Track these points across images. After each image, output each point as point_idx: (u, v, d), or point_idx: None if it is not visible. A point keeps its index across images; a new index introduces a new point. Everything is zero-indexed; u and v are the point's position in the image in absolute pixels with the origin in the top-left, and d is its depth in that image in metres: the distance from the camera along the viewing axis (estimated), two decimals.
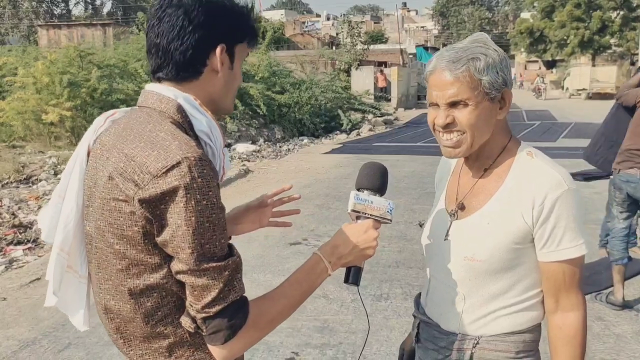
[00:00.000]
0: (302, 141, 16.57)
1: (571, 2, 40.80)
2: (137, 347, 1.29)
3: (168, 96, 1.28)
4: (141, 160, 1.17)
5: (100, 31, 24.97)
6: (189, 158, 1.14)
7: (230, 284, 1.19)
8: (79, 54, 14.10)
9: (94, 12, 52.06)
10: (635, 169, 4.26)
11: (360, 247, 1.38)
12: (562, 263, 1.46)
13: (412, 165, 11.27)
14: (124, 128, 1.29)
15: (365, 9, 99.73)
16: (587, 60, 41.44)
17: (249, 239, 6.16)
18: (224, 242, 1.19)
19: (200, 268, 1.15)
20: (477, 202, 1.55)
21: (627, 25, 40.58)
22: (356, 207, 1.41)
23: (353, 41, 30.05)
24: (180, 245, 1.15)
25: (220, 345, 1.22)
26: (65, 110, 12.74)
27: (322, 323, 4.26)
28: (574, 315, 1.49)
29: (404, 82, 29.35)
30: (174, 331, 1.26)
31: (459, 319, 1.56)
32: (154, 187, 1.14)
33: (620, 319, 4.30)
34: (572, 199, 1.45)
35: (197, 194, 1.13)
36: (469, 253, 1.51)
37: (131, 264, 1.22)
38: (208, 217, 1.15)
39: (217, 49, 1.28)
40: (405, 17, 74.72)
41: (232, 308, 1.20)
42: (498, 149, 1.54)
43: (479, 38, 1.50)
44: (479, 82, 1.43)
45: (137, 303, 1.24)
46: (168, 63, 1.28)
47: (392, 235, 6.54)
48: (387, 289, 4.92)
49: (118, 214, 1.20)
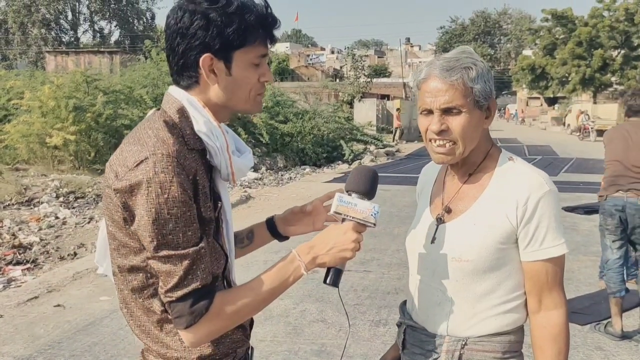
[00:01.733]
0: (304, 170, 16.64)
1: (573, 40, 41.33)
2: (137, 319, 1.38)
3: (175, 97, 1.38)
4: (125, 154, 1.30)
5: (107, 58, 25.30)
6: (156, 154, 1.24)
7: (193, 272, 1.26)
8: (86, 80, 14.29)
9: (101, 40, 52.86)
10: (620, 192, 4.35)
11: (338, 248, 1.37)
12: (545, 262, 1.51)
13: (413, 196, 11.06)
14: (137, 125, 1.40)
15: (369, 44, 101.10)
16: (589, 98, 41.78)
17: (247, 264, 6.14)
18: (191, 234, 1.26)
19: (161, 255, 1.25)
20: (463, 205, 1.59)
21: (628, 64, 41.03)
22: (339, 209, 1.40)
23: (356, 74, 30.40)
24: (143, 234, 1.25)
25: (185, 330, 1.29)
26: (69, 134, 12.85)
27: (320, 347, 4.23)
28: (557, 314, 1.52)
29: (406, 115, 29.57)
30: (159, 310, 1.34)
31: (447, 321, 1.58)
32: (126, 179, 1.25)
33: (620, 349, 4.26)
34: (553, 199, 1.51)
35: (157, 188, 1.22)
36: (457, 254, 1.54)
37: (120, 244, 1.34)
38: (169, 210, 1.23)
39: (200, 59, 1.32)
40: (409, 52, 75.68)
41: (194, 295, 1.26)
42: (482, 155, 1.60)
43: (466, 49, 1.57)
44: (471, 90, 1.49)
45: (126, 280, 1.36)
46: (173, 71, 1.39)
47: (392, 262, 6.53)
48: (386, 315, 4.89)
49: (109, 199, 1.32)
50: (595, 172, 15.60)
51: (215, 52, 1.33)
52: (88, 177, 12.73)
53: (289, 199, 11.03)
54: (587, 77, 40.64)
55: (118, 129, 13.75)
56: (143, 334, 1.39)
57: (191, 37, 1.32)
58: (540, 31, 45.99)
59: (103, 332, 4.48)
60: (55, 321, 4.73)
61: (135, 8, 54.87)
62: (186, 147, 1.32)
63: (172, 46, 1.35)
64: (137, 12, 55.11)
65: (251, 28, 1.34)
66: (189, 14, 1.32)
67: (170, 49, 1.36)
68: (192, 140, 1.34)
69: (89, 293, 5.47)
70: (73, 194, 11.07)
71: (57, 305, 5.10)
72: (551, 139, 31.32)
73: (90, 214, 9.37)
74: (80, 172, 13.28)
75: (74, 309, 5.03)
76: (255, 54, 1.37)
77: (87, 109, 13.36)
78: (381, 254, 6.81)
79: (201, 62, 1.32)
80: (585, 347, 4.26)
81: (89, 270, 6.11)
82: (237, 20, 1.32)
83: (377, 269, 6.27)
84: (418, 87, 1.56)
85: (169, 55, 1.38)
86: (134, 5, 54.86)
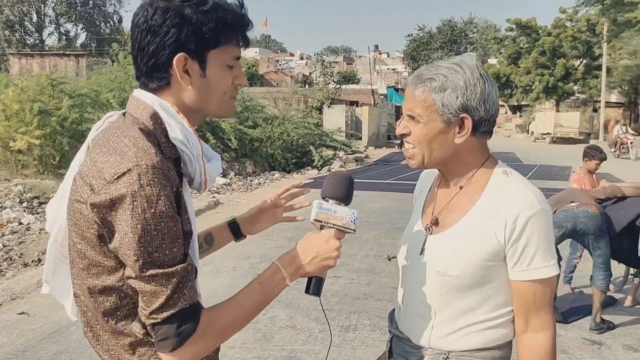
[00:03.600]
0: (273, 175, 16.60)
1: (536, 50, 42.26)
2: (104, 342, 1.29)
3: (145, 102, 1.28)
4: (100, 165, 1.19)
5: (73, 61, 24.85)
6: (140, 165, 1.15)
7: (180, 291, 1.18)
8: (51, 83, 14.03)
9: (67, 43, 51.87)
10: (572, 203, 4.78)
11: (321, 257, 1.35)
12: (533, 283, 1.46)
13: (382, 201, 11.39)
14: (103, 131, 1.31)
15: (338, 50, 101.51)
16: (552, 106, 42.74)
17: (217, 270, 6.12)
18: (176, 251, 1.18)
19: (146, 274, 1.15)
20: (452, 218, 1.56)
21: (589, 73, 42.12)
22: (319, 217, 1.38)
23: (326, 80, 30.52)
24: (127, 252, 1.15)
25: (169, 353, 1.20)
26: (34, 138, 12.60)
27: (290, 353, 4.23)
28: (544, 336, 1.48)
29: (375, 122, 29.81)
30: (134, 332, 1.26)
31: (430, 333, 1.56)
32: (105, 193, 1.15)
33: (583, 352, 4.38)
34: (545, 219, 1.46)
35: (144, 202, 1.13)
36: (442, 268, 1.52)
37: (91, 264, 1.24)
38: (156, 226, 1.14)
39: (174, 58, 1.24)
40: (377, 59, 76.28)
41: (180, 315, 1.18)
42: (473, 168, 1.56)
43: (460, 59, 1.52)
44: (433, 102, 1.47)
45: (97, 302, 1.25)
46: (139, 72, 1.29)
47: (361, 268, 6.57)
48: (356, 320, 4.93)
49: (79, 215, 1.22)
50: (559, 178, 15.98)
51: (190, 51, 1.25)
52: (53, 182, 12.46)
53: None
54: (550, 85, 41.57)
55: (84, 133, 13.48)
56: (112, 359, 1.30)
57: (164, 35, 1.23)
58: (505, 40, 46.89)
59: (69, 340, 4.40)
60: (19, 329, 4.63)
61: (102, 11, 54.12)
62: (163, 156, 1.22)
63: (141, 45, 1.25)
64: (104, 15, 54.35)
65: (227, 27, 1.28)
66: (161, 10, 1.23)
67: (138, 49, 1.26)
68: (167, 148, 1.25)
69: (54, 301, 5.26)
70: (37, 199, 10.83)
71: (21, 313, 4.99)
72: (515, 145, 31.91)
73: None
74: (45, 177, 13.01)
75: (39, 316, 4.93)
76: (229, 55, 1.31)
77: (52, 112, 13.12)
78: (350, 259, 6.85)
79: (175, 61, 1.24)
80: None
81: None
82: (213, 19, 1.25)
83: (346, 274, 6.31)
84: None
85: (136, 56, 1.27)
86: (101, 8, 54.10)
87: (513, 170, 1.58)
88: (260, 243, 7.44)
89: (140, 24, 1.25)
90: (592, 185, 5.66)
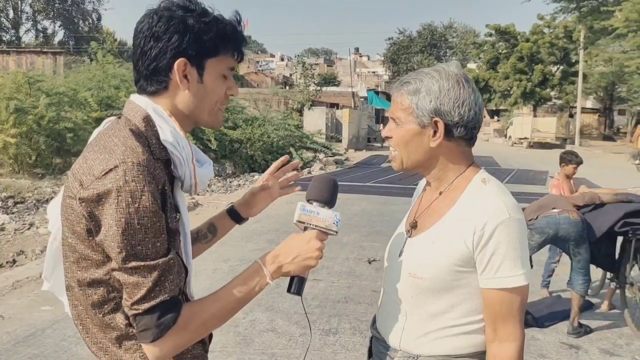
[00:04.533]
0: (253, 177, 16.54)
1: (515, 55, 42.81)
2: (93, 335, 1.34)
3: (139, 105, 1.35)
4: (91, 162, 1.25)
5: (50, 59, 24.41)
6: (126, 162, 1.21)
7: (161, 284, 1.23)
8: (28, 80, 13.79)
9: (44, 40, 51.06)
10: (555, 210, 4.84)
11: (302, 257, 1.38)
12: (500, 291, 1.46)
13: (362, 204, 11.40)
14: (98, 133, 1.37)
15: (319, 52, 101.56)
16: (529, 111, 43.30)
17: (196, 273, 6.05)
18: (159, 245, 1.23)
19: (129, 266, 1.21)
20: (429, 222, 1.59)
21: (566, 79, 42.79)
22: (301, 218, 1.42)
23: (306, 82, 30.51)
24: (111, 244, 1.20)
25: (150, 344, 1.25)
26: (9, 136, 12.38)
27: (270, 357, 4.21)
28: (509, 347, 1.47)
29: (355, 124, 29.87)
30: (120, 325, 1.31)
31: (401, 335, 1.59)
32: (93, 188, 1.21)
33: (561, 355, 4.43)
34: (514, 228, 1.45)
35: (128, 197, 1.19)
36: (413, 270, 1.55)
37: (80, 257, 1.29)
38: (139, 220, 1.20)
39: (176, 63, 1.32)
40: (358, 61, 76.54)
41: (161, 307, 1.23)
42: (453, 174, 1.58)
43: (440, 67, 1.57)
44: (409, 104, 1.54)
45: (85, 294, 1.31)
46: (139, 77, 1.37)
47: (342, 271, 6.57)
48: (336, 323, 4.92)
49: (70, 210, 1.28)
50: (536, 183, 16.19)
51: (190, 57, 1.33)
52: (28, 181, 12.28)
53: None
54: (528, 91, 42.16)
55: (61, 132, 13.32)
56: (100, 352, 1.35)
57: (166, 41, 1.31)
58: (484, 45, 47.45)
59: (45, 344, 4.32)
60: None
61: (80, 8, 53.42)
62: (153, 156, 1.29)
63: (143, 50, 1.33)
64: (83, 12, 53.66)
65: (226, 38, 1.36)
66: (166, 19, 1.32)
67: (141, 53, 1.34)
68: (158, 150, 1.31)
69: (29, 303, 5.27)
70: (12, 198, 10.66)
71: None
72: (493, 150, 32.24)
73: (31, 220, 9.03)
74: (20, 176, 12.81)
75: (14, 319, 4.84)
76: (226, 64, 1.39)
77: (28, 111, 12.88)
78: (331, 262, 6.84)
79: (176, 65, 1.32)
80: (529, 354, 4.40)
81: (30, 279, 5.89)
82: (213, 29, 1.34)
83: (326, 277, 6.30)
84: None
85: (138, 60, 1.35)
86: (80, 5, 53.40)
87: (492, 177, 1.60)
88: (240, 245, 7.40)
89: (144, 30, 1.33)
90: (570, 190, 5.73)
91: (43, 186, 11.94)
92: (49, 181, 12.57)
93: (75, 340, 4.38)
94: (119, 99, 15.85)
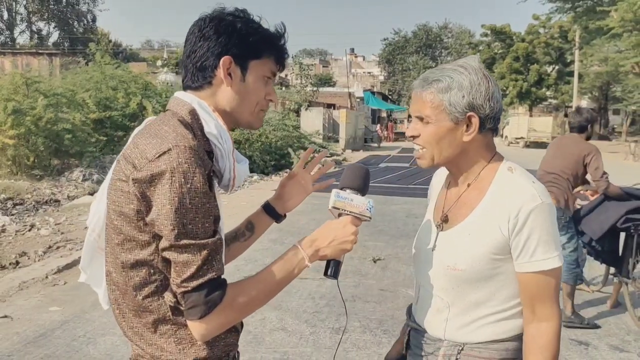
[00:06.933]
0: (251, 178, 16.52)
1: (510, 55, 43.00)
2: (129, 320, 1.40)
3: (185, 100, 1.44)
4: (143, 147, 1.32)
5: (46, 60, 24.37)
6: (178, 146, 1.27)
7: (209, 262, 1.28)
8: (25, 82, 13.72)
9: (39, 41, 50.90)
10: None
11: (338, 240, 1.43)
12: (536, 274, 1.52)
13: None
14: (144, 125, 1.46)
15: (314, 53, 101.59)
16: (525, 111, 43.48)
17: None
18: (208, 226, 1.29)
19: (180, 244, 1.26)
20: (460, 214, 1.63)
21: (561, 79, 43.02)
22: (336, 204, 1.48)
23: (303, 82, 30.52)
24: (164, 222, 1.26)
25: (197, 321, 1.30)
26: (7, 138, 12.31)
27: (282, 355, 4.21)
28: (547, 326, 1.53)
29: (352, 125, 29.91)
30: (158, 308, 1.36)
31: (445, 326, 1.63)
32: (147, 170, 1.27)
33: (571, 352, 4.44)
34: (546, 212, 1.51)
35: (181, 178, 1.25)
36: (451, 262, 1.59)
37: (125, 239, 1.34)
38: (191, 200, 1.26)
39: (221, 59, 1.41)
40: (353, 62, 76.59)
41: (209, 285, 1.28)
42: (480, 165, 1.63)
43: (464, 61, 1.60)
44: (440, 102, 1.55)
45: (128, 276, 1.36)
46: (187, 73, 1.46)
47: (348, 270, 6.57)
48: (345, 322, 4.92)
49: (120, 192, 1.33)
50: None
51: (235, 56, 1.42)
52: (27, 182, 12.22)
53: (238, 207, 10.93)
54: (523, 90, 42.35)
55: (59, 133, 13.24)
56: (136, 336, 1.40)
57: (215, 40, 1.41)
58: (480, 45, 47.65)
59: (56, 344, 4.30)
60: (3, 333, 4.52)
61: (75, 9, 53.29)
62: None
63: (193, 48, 1.43)
64: (78, 13, 53.52)
65: (269, 43, 1.46)
66: (216, 21, 1.43)
67: (190, 51, 1.44)
68: (202, 141, 1.38)
69: (37, 303, 5.25)
70: (11, 200, 10.61)
71: (3, 316, 4.86)
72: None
73: (31, 221, 8.99)
74: (19, 178, 12.74)
75: (23, 320, 4.82)
76: (268, 68, 1.48)
77: (26, 112, 12.78)
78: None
79: (222, 62, 1.40)
80: None
81: (36, 280, 5.87)
82: (258, 33, 1.44)
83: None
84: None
85: (187, 59, 1.45)
86: (75, 6, 53.26)
87: (518, 166, 1.64)
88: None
89: (195, 33, 1.44)
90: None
91: (42, 187, 11.91)
92: (47, 182, 12.52)
93: (86, 340, 4.37)
94: (117, 100, 15.81)
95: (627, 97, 35.01)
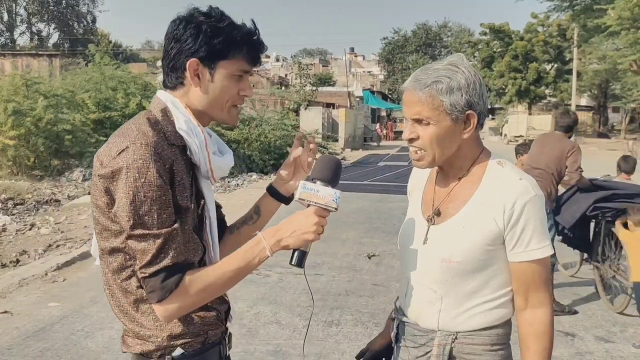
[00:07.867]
0: (250, 177, 16.64)
1: (509, 54, 42.98)
2: (117, 300, 1.52)
3: (161, 99, 1.55)
4: (110, 145, 1.44)
5: (46, 62, 24.47)
6: (135, 144, 1.39)
7: (165, 250, 1.39)
8: (25, 83, 13.83)
9: (39, 42, 51.01)
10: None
11: (300, 231, 1.47)
12: (531, 263, 1.58)
13: (360, 202, 11.52)
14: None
15: (314, 52, 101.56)
16: (524, 109, 43.50)
17: None
18: (166, 217, 1.39)
19: (136, 234, 1.38)
20: (452, 208, 1.66)
21: (560, 77, 42.99)
22: (302, 196, 1.51)
23: (302, 82, 30.60)
24: (121, 214, 1.38)
25: (157, 304, 1.42)
26: (8, 139, 12.44)
27: (275, 347, 4.32)
28: (542, 312, 1.60)
29: (352, 124, 30.03)
30: (135, 290, 1.48)
31: (437, 317, 1.66)
32: (109, 166, 1.39)
33: (557, 342, 4.51)
34: (539, 204, 1.59)
35: (135, 173, 1.36)
36: (447, 255, 1.62)
37: (103, 228, 1.46)
38: (145, 193, 1.37)
39: (188, 62, 1.49)
40: (353, 61, 76.56)
41: (165, 271, 1.39)
42: (470, 160, 1.67)
43: (453, 60, 1.62)
44: (440, 103, 1.55)
45: (107, 261, 1.49)
46: (163, 73, 1.57)
47: (342, 266, 6.68)
48: (338, 315, 5.03)
49: (95, 187, 1.46)
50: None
51: (202, 58, 1.49)
52: (27, 183, 12.34)
53: (236, 206, 11.02)
54: (522, 89, 42.32)
55: (59, 133, 13.36)
56: (121, 314, 1.52)
57: (183, 42, 1.49)
58: (479, 44, 47.61)
59: (55, 338, 4.42)
60: (3, 327, 4.63)
61: (75, 11, 53.40)
62: (167, 141, 1.46)
63: (167, 49, 1.53)
64: (78, 14, 53.63)
65: (236, 43, 1.51)
66: (185, 23, 1.50)
67: (165, 52, 1.54)
68: (174, 137, 1.48)
69: (36, 299, 5.36)
70: (12, 200, 10.72)
71: (3, 311, 4.97)
72: (490, 148, 31.76)
73: (32, 221, 9.10)
74: (19, 178, 12.86)
75: (22, 315, 4.93)
76: (237, 67, 1.53)
77: (26, 113, 12.90)
78: (331, 258, 6.96)
79: (188, 64, 1.49)
80: None
81: (35, 277, 5.98)
82: (224, 34, 1.50)
83: (327, 272, 6.41)
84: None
85: (164, 58, 1.55)
86: (74, 7, 53.36)
87: (506, 160, 1.70)
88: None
89: (169, 33, 1.52)
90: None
91: (42, 188, 12.02)
92: (47, 182, 12.64)
93: (84, 334, 4.49)
94: (117, 101, 15.91)
95: (626, 95, 35.04)
